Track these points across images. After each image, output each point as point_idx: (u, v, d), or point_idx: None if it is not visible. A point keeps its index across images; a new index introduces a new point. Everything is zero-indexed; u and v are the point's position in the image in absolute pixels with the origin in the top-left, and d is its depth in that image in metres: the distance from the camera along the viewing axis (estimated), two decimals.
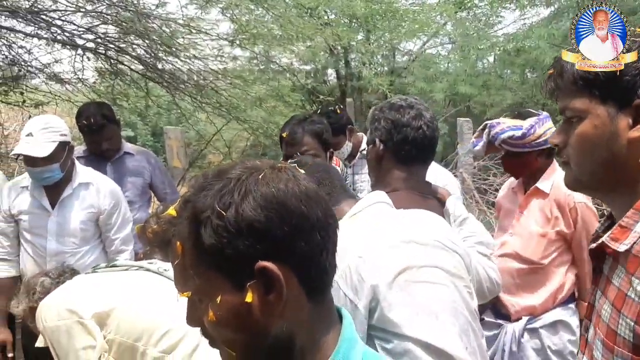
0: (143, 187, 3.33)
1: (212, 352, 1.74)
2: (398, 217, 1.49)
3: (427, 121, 1.79)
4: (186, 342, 1.79)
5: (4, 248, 2.71)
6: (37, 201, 2.68)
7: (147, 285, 1.93)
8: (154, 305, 1.87)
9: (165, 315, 1.85)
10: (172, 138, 6.99)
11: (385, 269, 1.31)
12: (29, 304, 2.03)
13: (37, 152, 2.51)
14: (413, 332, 1.27)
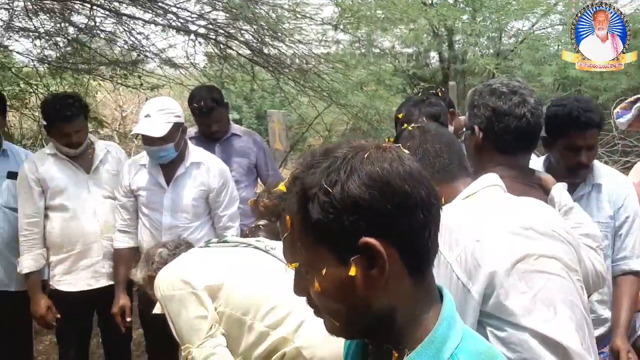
0: (249, 167, 3.48)
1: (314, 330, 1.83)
2: (515, 203, 1.44)
3: (532, 108, 1.68)
4: (291, 320, 1.87)
5: (125, 221, 2.93)
6: (154, 178, 2.87)
7: (255, 262, 2.03)
8: (262, 281, 1.97)
9: (272, 292, 1.94)
10: (275, 121, 7.18)
11: (504, 256, 1.26)
12: (148, 273, 2.21)
13: (154, 132, 2.69)
14: (529, 323, 1.23)
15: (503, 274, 1.25)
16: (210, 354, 1.84)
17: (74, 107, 2.82)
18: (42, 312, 2.86)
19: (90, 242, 2.91)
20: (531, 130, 1.70)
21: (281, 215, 0.84)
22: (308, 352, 1.82)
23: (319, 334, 1.83)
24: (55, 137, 2.87)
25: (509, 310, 1.24)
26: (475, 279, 1.25)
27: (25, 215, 2.86)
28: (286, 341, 1.84)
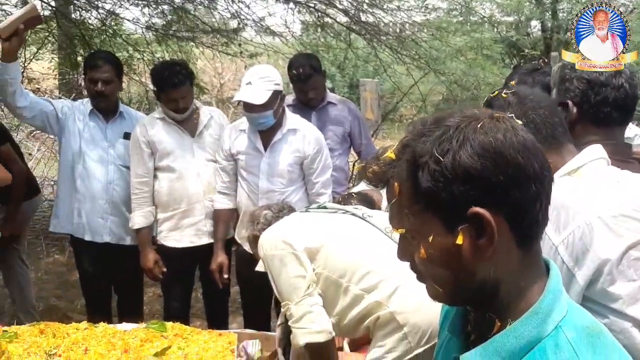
0: (343, 135, 3.52)
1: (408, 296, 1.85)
2: (627, 182, 1.36)
3: (628, 78, 1.59)
4: (385, 285, 1.90)
5: (225, 183, 3.07)
6: (253, 143, 2.98)
7: (353, 228, 2.08)
8: (359, 247, 2.02)
9: (368, 258, 1.99)
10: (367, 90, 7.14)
11: (616, 241, 1.21)
12: (252, 233, 2.33)
13: (254, 99, 2.78)
14: (634, 312, 1.19)
15: (614, 260, 1.20)
16: (308, 312, 1.92)
17: (181, 74, 2.97)
18: (151, 266, 3.08)
19: (194, 202, 3.08)
20: (630, 101, 1.62)
21: (389, 182, 0.86)
22: (402, 317, 1.85)
23: (413, 301, 1.87)
24: (164, 102, 3.03)
25: (613, 296, 1.20)
26: (582, 263, 1.21)
27: (136, 174, 3.07)
28: (380, 305, 1.89)
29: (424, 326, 1.84)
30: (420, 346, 1.84)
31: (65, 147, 3.21)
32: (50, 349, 2.39)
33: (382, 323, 1.89)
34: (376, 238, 2.04)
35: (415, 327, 1.84)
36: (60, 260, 5.30)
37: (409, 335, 1.85)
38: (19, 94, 2.99)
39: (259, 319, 3.18)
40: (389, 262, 1.98)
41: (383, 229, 2.05)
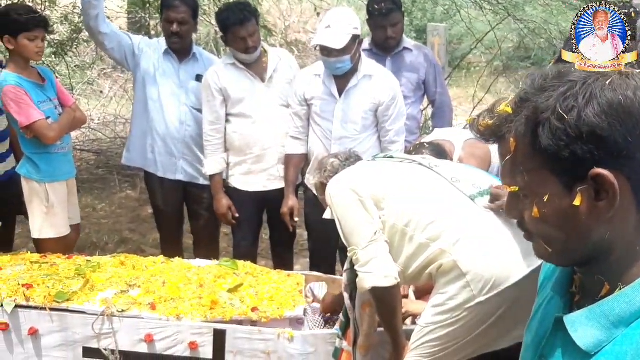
0: (417, 83, 3.45)
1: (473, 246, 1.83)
2: None
3: None
4: (449, 233, 1.90)
5: (297, 128, 3.07)
6: (327, 88, 2.96)
7: (419, 177, 2.06)
8: (424, 196, 2.01)
9: (434, 207, 1.98)
10: (436, 35, 6.91)
11: None
12: (320, 180, 2.34)
13: (334, 43, 2.74)
14: None
15: None
16: (374, 257, 1.94)
17: (246, 11, 2.96)
18: (224, 211, 3.16)
19: (266, 147, 3.11)
20: None
21: (503, 137, 0.84)
22: (464, 265, 1.85)
23: (477, 250, 1.86)
24: (232, 44, 3.02)
25: None
26: None
27: (208, 122, 3.11)
28: (443, 253, 1.88)
29: (487, 275, 1.83)
30: (482, 294, 1.84)
31: (139, 84, 3.27)
32: (130, 280, 2.52)
33: (444, 270, 1.89)
34: (442, 187, 2.02)
35: (478, 276, 1.84)
36: (132, 195, 5.52)
37: (472, 284, 1.84)
38: (101, 18, 3.04)
39: (324, 262, 3.24)
40: (454, 211, 1.97)
41: (450, 178, 2.02)
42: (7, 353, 2.36)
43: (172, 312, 2.32)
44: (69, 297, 2.36)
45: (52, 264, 2.63)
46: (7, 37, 2.71)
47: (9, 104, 2.70)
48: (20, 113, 2.70)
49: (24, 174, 2.84)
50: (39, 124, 2.73)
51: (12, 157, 3.20)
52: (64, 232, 2.90)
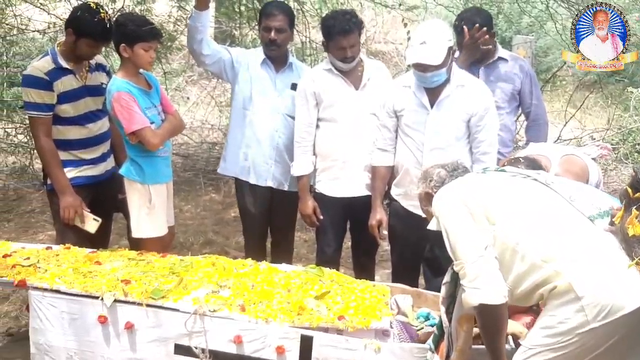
0: (512, 93, 3.37)
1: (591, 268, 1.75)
2: None
3: None
4: (565, 255, 1.82)
5: (385, 140, 3.06)
6: (418, 99, 2.93)
7: (534, 193, 1.99)
8: (539, 213, 1.93)
9: (549, 225, 1.90)
10: (520, 48, 6.73)
11: None
12: (424, 190, 2.32)
13: (430, 60, 2.73)
14: None
15: None
16: (482, 273, 1.89)
17: (351, 22, 2.99)
18: (309, 212, 3.20)
19: (354, 154, 3.12)
20: None
21: None
22: (580, 289, 1.76)
23: (595, 274, 1.77)
24: (332, 51, 3.06)
25: None
26: None
27: (300, 124, 3.17)
28: (558, 275, 1.81)
29: (604, 301, 1.74)
30: (596, 321, 1.75)
31: (237, 94, 3.37)
32: (221, 281, 2.58)
33: (558, 293, 1.81)
34: (559, 206, 1.94)
35: (594, 301, 1.75)
36: (216, 198, 5.68)
37: (586, 309, 1.75)
38: (205, 42, 3.18)
39: (408, 275, 3.20)
40: (571, 231, 1.89)
41: (567, 196, 1.94)
42: (104, 345, 2.47)
43: (261, 315, 2.36)
44: (163, 294, 2.45)
45: (148, 262, 2.74)
46: (124, 46, 2.85)
47: (118, 110, 2.83)
48: (128, 119, 2.82)
49: (127, 175, 2.97)
50: (144, 131, 2.86)
51: (112, 157, 3.37)
52: (162, 232, 3.02)
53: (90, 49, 3.02)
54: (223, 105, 7.39)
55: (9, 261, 2.73)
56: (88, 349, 2.48)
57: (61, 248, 2.92)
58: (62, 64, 3.01)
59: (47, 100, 2.98)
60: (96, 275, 2.58)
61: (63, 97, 3.02)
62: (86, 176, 3.17)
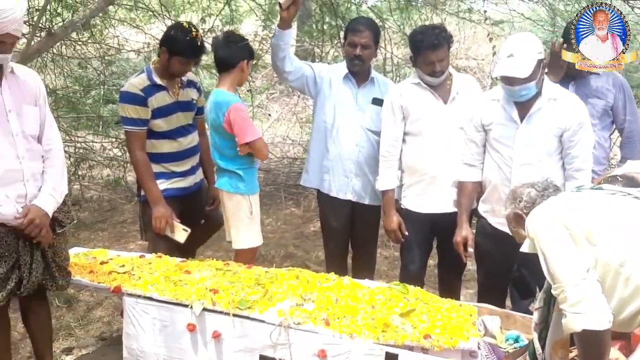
0: (604, 109, 3.23)
1: None
2: None
3: None
4: None
5: (472, 155, 2.99)
6: (507, 114, 2.85)
7: (636, 212, 1.88)
8: None
9: None
10: None
11: None
12: (514, 210, 2.23)
13: (519, 73, 2.65)
14: None
15: None
16: (585, 297, 1.79)
17: (440, 36, 2.95)
18: (394, 227, 3.16)
19: (441, 169, 3.07)
20: None
21: None
22: None
23: None
24: (421, 65, 3.04)
25: None
26: None
27: (386, 138, 3.16)
28: None
29: None
30: None
31: (319, 109, 3.41)
32: (305, 294, 2.59)
33: None
34: None
35: None
36: (297, 212, 5.75)
37: None
38: (288, 59, 3.24)
39: (494, 295, 3.09)
40: None
41: None
42: (192, 353, 2.54)
43: (346, 329, 2.34)
44: (250, 305, 2.49)
45: (234, 272, 2.80)
46: (246, 62, 3.07)
47: (235, 121, 2.95)
48: (244, 130, 2.96)
49: (226, 188, 3.08)
50: (259, 142, 3.01)
51: (201, 170, 3.49)
52: (261, 241, 3.16)
53: (182, 66, 3.15)
54: (304, 121, 7.52)
55: (106, 268, 2.88)
56: (177, 356, 2.56)
57: (153, 256, 3.05)
58: (156, 80, 3.16)
59: (143, 116, 3.12)
60: (186, 284, 2.66)
61: (157, 112, 3.16)
62: (177, 188, 3.30)
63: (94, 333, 3.53)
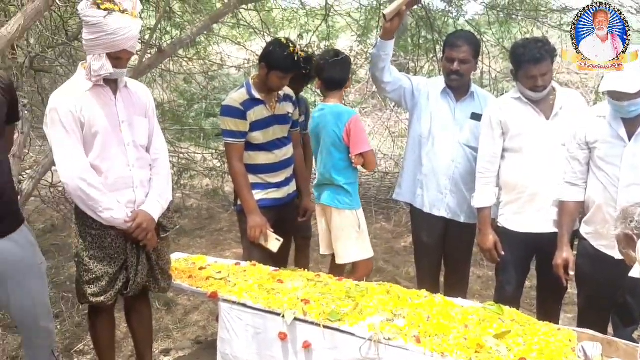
0: None
1: None
2: None
3: None
4: None
5: (574, 173, 2.85)
6: (614, 131, 2.70)
7: None
8: None
9: None
10: None
11: None
12: (624, 231, 2.11)
13: (627, 87, 2.52)
14: None
15: None
16: None
17: (543, 50, 2.86)
18: (490, 247, 3.07)
19: (542, 187, 2.95)
20: None
21: None
22: None
23: None
24: (522, 79, 2.95)
25: None
26: None
27: (484, 154, 3.08)
28: None
29: None
30: None
31: (415, 122, 3.39)
32: (396, 310, 2.57)
33: None
34: None
35: None
36: (387, 227, 5.72)
37: None
38: (387, 70, 3.26)
39: (596, 321, 2.91)
40: None
41: None
42: None
43: (437, 348, 2.30)
44: (340, 317, 2.50)
45: (325, 284, 2.83)
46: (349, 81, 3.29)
47: (354, 131, 3.12)
48: (361, 141, 3.14)
49: (334, 204, 3.20)
50: (371, 153, 3.18)
51: (294, 182, 3.57)
52: (371, 253, 3.29)
53: (280, 80, 3.25)
54: (396, 135, 7.48)
55: (204, 273, 3.00)
56: None
57: (248, 265, 3.14)
58: (255, 94, 3.27)
59: (242, 128, 3.24)
60: (278, 293, 2.72)
61: (254, 125, 3.28)
62: (271, 199, 3.39)
63: (190, 336, 3.68)
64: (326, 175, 3.24)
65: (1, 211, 2.46)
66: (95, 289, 2.65)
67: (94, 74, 2.51)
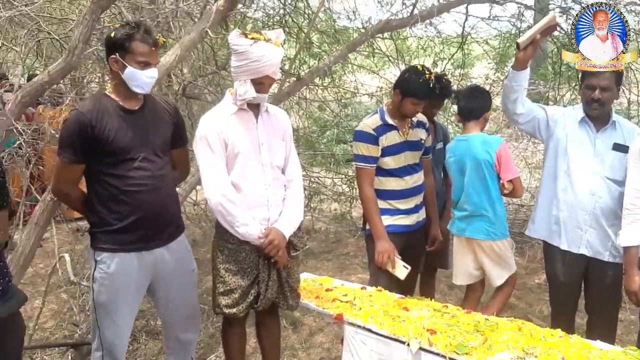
0: None
1: None
2: None
3: None
4: None
5: None
6: None
7: None
8: None
9: None
10: None
11: None
12: None
13: None
14: None
15: None
16: None
17: None
18: (636, 289, 2.81)
19: None
20: None
21: None
22: None
23: None
24: None
25: None
26: None
27: (631, 188, 2.84)
28: None
29: None
30: None
31: (551, 154, 3.23)
32: (528, 348, 2.44)
33: None
34: None
35: None
36: (520, 262, 5.44)
37: None
38: (520, 101, 3.16)
39: None
40: None
41: None
42: None
43: None
44: (467, 350, 2.42)
45: (452, 315, 2.76)
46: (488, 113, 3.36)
47: (504, 158, 3.20)
48: (510, 167, 3.21)
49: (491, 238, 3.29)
50: (519, 179, 3.23)
51: (424, 209, 3.53)
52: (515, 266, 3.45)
53: (414, 107, 3.26)
54: (533, 166, 7.15)
55: (330, 295, 3.05)
56: None
57: (374, 290, 3.15)
58: (388, 120, 3.31)
59: (373, 153, 3.29)
60: (404, 321, 2.69)
61: (386, 150, 3.31)
62: (400, 225, 3.38)
63: (314, 357, 3.74)
64: (481, 204, 3.25)
65: (170, 218, 2.76)
66: (228, 301, 2.80)
67: (239, 98, 2.71)
